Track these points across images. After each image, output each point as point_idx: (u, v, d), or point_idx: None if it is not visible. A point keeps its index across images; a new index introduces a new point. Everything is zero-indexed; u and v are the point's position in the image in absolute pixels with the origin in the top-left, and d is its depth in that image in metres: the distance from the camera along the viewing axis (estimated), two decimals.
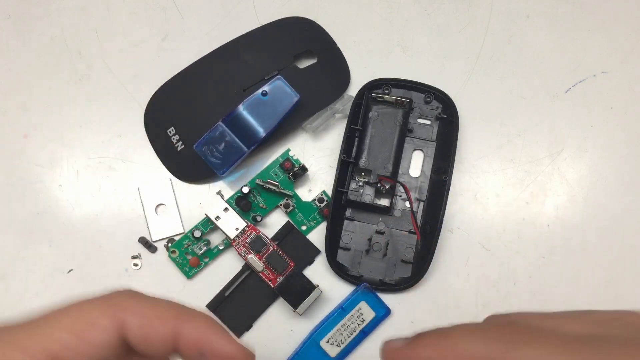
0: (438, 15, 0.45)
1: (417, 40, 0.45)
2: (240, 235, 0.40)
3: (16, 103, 0.44)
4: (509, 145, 0.43)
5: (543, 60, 0.44)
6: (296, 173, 0.42)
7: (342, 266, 0.41)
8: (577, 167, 0.43)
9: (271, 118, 0.40)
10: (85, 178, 0.43)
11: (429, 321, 0.41)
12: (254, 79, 0.42)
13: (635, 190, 0.43)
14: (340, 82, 0.44)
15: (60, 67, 0.44)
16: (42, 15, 0.45)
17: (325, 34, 0.44)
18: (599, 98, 0.44)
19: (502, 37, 0.45)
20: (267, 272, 0.40)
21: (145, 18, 0.45)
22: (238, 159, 0.40)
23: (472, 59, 0.44)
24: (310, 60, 0.44)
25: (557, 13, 0.45)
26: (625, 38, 0.44)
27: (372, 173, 0.41)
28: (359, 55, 0.44)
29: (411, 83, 0.42)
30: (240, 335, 0.41)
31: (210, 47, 0.43)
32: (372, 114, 0.42)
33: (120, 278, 0.42)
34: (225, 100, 0.42)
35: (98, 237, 0.42)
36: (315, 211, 0.42)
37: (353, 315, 0.39)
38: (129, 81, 0.44)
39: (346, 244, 0.42)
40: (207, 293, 0.41)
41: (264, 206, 0.42)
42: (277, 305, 0.41)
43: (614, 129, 0.43)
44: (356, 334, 0.39)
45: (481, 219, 0.42)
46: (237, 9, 0.45)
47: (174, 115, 0.43)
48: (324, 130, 0.43)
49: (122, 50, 0.45)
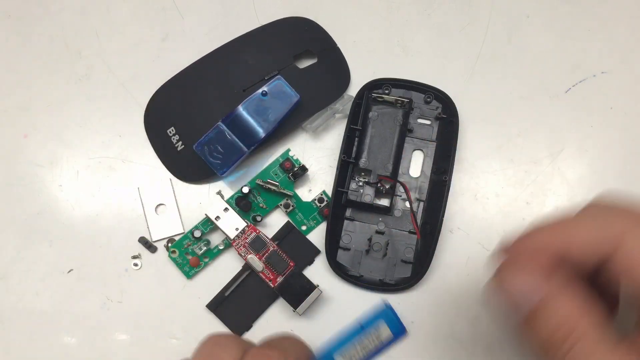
0: (438, 15, 0.45)
1: (417, 40, 0.45)
2: (240, 235, 0.40)
3: (16, 103, 0.44)
4: (509, 145, 0.43)
5: (543, 60, 0.44)
6: (296, 173, 0.42)
7: (342, 266, 0.41)
8: (577, 167, 0.43)
9: (271, 118, 0.40)
10: (85, 178, 0.43)
11: (429, 321, 0.41)
12: (254, 79, 0.42)
13: (635, 190, 0.43)
14: (340, 82, 0.44)
15: (60, 67, 0.44)
16: (42, 15, 0.45)
17: (325, 34, 0.44)
18: (599, 98, 0.44)
19: (502, 37, 0.45)
20: (267, 272, 0.40)
21: (145, 18, 0.45)
22: (238, 159, 0.40)
23: (472, 59, 0.44)
24: (310, 60, 0.44)
25: (557, 13, 0.45)
26: (625, 38, 0.44)
27: (372, 173, 0.41)
28: (359, 55, 0.44)
29: (411, 83, 0.42)
30: (240, 335, 0.41)
31: (210, 47, 0.43)
32: (372, 114, 0.42)
33: (120, 278, 0.42)
34: (225, 100, 0.42)
35: (98, 237, 0.42)
36: (315, 211, 0.42)
37: (371, 333, 0.39)
38: (129, 81, 0.44)
39: (346, 244, 0.42)
40: (207, 293, 0.41)
41: (264, 206, 0.42)
42: (277, 305, 0.41)
43: (614, 129, 0.43)
44: (371, 352, 0.39)
45: (481, 219, 0.42)
46: (237, 9, 0.45)
47: (174, 115, 0.43)
48: (324, 130, 0.44)
49: (122, 50, 0.45)
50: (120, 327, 0.41)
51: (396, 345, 0.40)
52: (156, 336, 0.41)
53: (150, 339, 0.41)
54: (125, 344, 0.41)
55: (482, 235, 0.42)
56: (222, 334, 0.27)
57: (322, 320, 0.41)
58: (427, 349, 0.41)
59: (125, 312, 0.41)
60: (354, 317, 0.41)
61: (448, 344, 0.41)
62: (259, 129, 0.40)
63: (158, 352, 0.41)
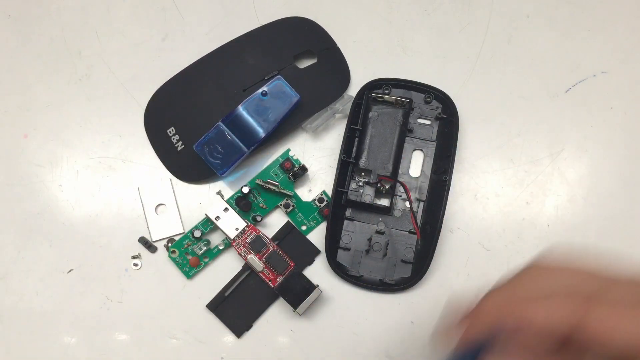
0: (438, 15, 0.45)
1: (417, 40, 0.45)
2: (240, 235, 0.40)
3: (16, 103, 0.44)
4: (509, 145, 0.43)
5: (543, 60, 0.44)
6: (296, 173, 0.42)
7: (342, 266, 0.41)
8: (577, 167, 0.43)
9: (271, 118, 0.40)
10: (85, 178, 0.43)
11: (429, 321, 0.41)
12: (254, 79, 0.42)
13: (635, 190, 0.43)
14: (340, 82, 0.44)
15: (60, 67, 0.44)
16: (42, 15, 0.45)
17: (325, 34, 0.44)
18: (599, 98, 0.44)
19: (502, 37, 0.45)
20: (267, 272, 0.40)
21: (145, 18, 0.45)
22: (238, 159, 0.40)
23: (472, 59, 0.44)
24: (310, 60, 0.44)
25: (557, 13, 0.45)
26: (625, 38, 0.44)
27: (372, 173, 0.41)
28: (359, 55, 0.44)
29: (411, 83, 0.42)
30: (240, 336, 0.41)
31: (210, 47, 0.43)
32: (372, 113, 0.42)
33: (120, 278, 0.42)
34: (225, 100, 0.42)
35: (98, 237, 0.42)
36: (315, 211, 0.42)
37: None
38: (129, 81, 0.44)
39: (346, 244, 0.42)
40: (207, 293, 0.41)
41: (264, 206, 0.42)
42: (277, 305, 0.41)
43: (614, 129, 0.43)
44: None
45: (481, 219, 0.42)
46: (237, 9, 0.45)
47: (174, 115, 0.43)
48: (324, 130, 0.43)
49: (122, 50, 0.45)
50: (120, 327, 0.41)
51: (396, 345, 0.41)
52: (156, 336, 0.41)
53: (150, 339, 0.41)
54: (125, 344, 0.41)
55: (482, 235, 0.42)
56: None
57: (322, 320, 0.41)
58: (427, 349, 0.40)
59: (125, 312, 0.41)
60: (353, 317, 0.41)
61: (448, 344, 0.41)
62: (259, 129, 0.40)
63: (158, 352, 0.41)
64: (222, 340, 0.41)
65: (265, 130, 0.40)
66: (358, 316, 0.41)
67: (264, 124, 0.40)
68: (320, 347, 0.41)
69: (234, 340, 0.41)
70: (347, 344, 0.41)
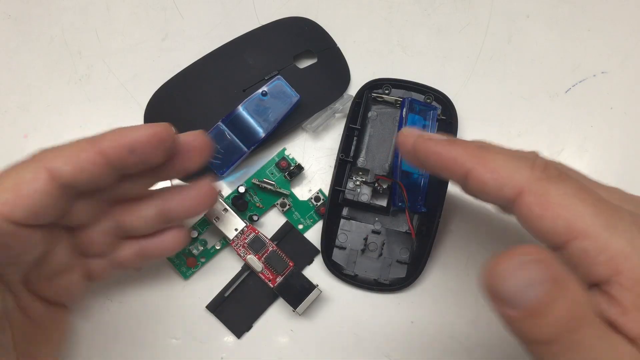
0: (438, 15, 0.45)
1: (417, 40, 0.45)
2: (240, 235, 0.40)
3: (16, 103, 0.44)
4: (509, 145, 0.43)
5: (543, 60, 0.44)
6: (292, 172, 0.42)
7: (338, 265, 0.41)
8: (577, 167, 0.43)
9: (271, 118, 0.40)
10: None
11: (428, 321, 0.41)
12: (254, 79, 0.43)
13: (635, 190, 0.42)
14: (340, 82, 0.44)
15: (60, 67, 0.44)
16: (42, 15, 0.45)
17: (325, 34, 0.44)
18: (599, 98, 0.44)
19: (502, 37, 0.45)
20: (266, 272, 0.40)
21: (145, 18, 0.45)
22: (238, 160, 0.40)
23: (472, 59, 0.44)
24: (310, 60, 0.44)
25: (557, 13, 0.45)
26: (625, 38, 0.44)
27: (369, 173, 0.41)
28: (359, 55, 0.44)
29: (411, 84, 0.42)
30: (240, 336, 0.41)
31: (210, 47, 0.43)
32: (372, 113, 0.42)
33: (120, 278, 0.42)
34: (225, 100, 0.42)
35: None
36: (312, 210, 0.42)
37: None
38: (129, 81, 0.44)
39: (342, 243, 0.42)
40: (207, 294, 0.41)
41: (260, 205, 0.42)
42: (277, 305, 0.41)
43: (614, 129, 0.43)
44: None
45: (481, 218, 0.42)
46: (237, 9, 0.45)
47: (174, 115, 0.43)
48: (324, 130, 0.44)
49: (122, 50, 0.45)
50: (120, 327, 0.41)
51: (396, 346, 0.41)
52: (156, 336, 0.41)
53: (150, 339, 0.41)
54: (125, 344, 0.41)
55: (482, 235, 0.42)
56: None
57: (322, 320, 0.41)
58: (427, 349, 0.40)
59: (125, 312, 0.41)
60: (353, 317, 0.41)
61: (448, 344, 0.41)
62: (259, 129, 0.40)
63: (158, 352, 0.41)
64: (222, 341, 0.41)
65: (265, 130, 0.40)
66: (358, 316, 0.41)
67: (264, 124, 0.40)
68: (320, 347, 0.41)
69: (234, 341, 0.41)
70: (347, 344, 0.41)
